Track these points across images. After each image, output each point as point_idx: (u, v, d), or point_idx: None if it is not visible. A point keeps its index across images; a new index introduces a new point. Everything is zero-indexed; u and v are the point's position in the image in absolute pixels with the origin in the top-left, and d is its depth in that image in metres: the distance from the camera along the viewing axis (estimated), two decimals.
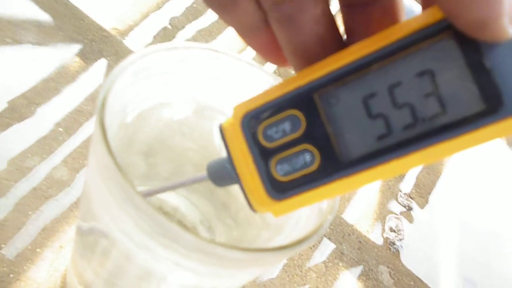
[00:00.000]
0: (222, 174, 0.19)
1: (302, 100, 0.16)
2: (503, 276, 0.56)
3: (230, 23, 0.17)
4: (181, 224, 0.30)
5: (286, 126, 0.16)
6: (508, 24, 0.12)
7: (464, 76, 0.13)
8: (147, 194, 0.22)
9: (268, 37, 0.17)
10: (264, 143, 0.17)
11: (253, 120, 0.17)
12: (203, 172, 0.20)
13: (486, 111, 0.13)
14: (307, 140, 0.16)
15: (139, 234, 0.19)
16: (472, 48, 0.13)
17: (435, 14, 0.14)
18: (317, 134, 0.16)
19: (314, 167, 0.16)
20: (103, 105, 0.20)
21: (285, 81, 0.17)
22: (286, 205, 0.16)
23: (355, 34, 0.16)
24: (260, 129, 0.17)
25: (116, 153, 0.25)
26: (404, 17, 0.16)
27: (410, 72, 0.14)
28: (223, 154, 0.19)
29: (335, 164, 0.15)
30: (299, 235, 0.21)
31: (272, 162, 0.17)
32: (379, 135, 0.15)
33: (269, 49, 0.17)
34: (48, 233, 0.37)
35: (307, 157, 0.16)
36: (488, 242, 0.58)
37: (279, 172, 0.16)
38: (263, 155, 0.17)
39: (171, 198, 0.31)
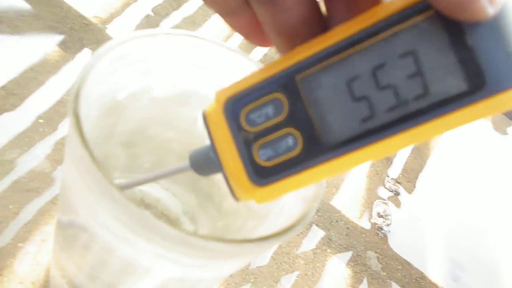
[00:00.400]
0: (205, 162, 0.19)
1: (285, 84, 0.16)
2: (490, 259, 0.56)
3: (211, 4, 0.16)
4: (164, 215, 0.30)
5: (269, 110, 0.16)
6: (487, 3, 0.12)
7: (447, 56, 0.13)
8: (127, 187, 0.21)
9: (250, 18, 0.16)
10: (247, 128, 0.16)
11: (236, 105, 0.17)
12: (186, 162, 0.20)
13: (469, 90, 0.13)
14: (290, 124, 0.16)
15: (118, 227, 0.18)
16: (455, 27, 0.13)
17: None
18: (300, 118, 0.15)
19: (297, 151, 0.16)
20: (77, 95, 0.19)
21: (268, 65, 0.16)
22: (269, 191, 0.16)
23: (337, 18, 0.16)
24: (243, 114, 0.16)
25: (95, 144, 0.24)
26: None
27: (393, 53, 0.14)
28: (206, 143, 0.18)
29: (319, 147, 0.15)
30: (284, 224, 0.21)
31: (255, 147, 0.16)
32: (363, 117, 0.14)
33: (252, 30, 0.17)
34: (30, 226, 0.36)
35: (290, 141, 0.16)
36: (475, 225, 0.59)
37: (262, 157, 0.16)
38: (246, 141, 0.16)
39: (153, 190, 0.31)
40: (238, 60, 0.25)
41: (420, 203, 0.58)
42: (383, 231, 0.53)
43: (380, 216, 0.54)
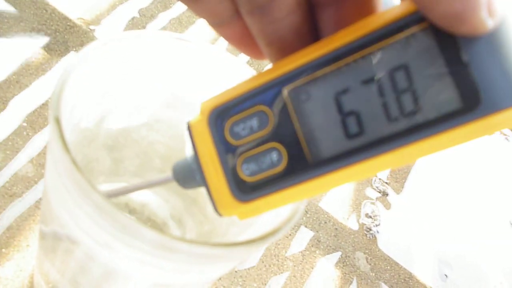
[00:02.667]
0: (188, 175, 0.18)
1: (270, 96, 0.15)
2: (477, 258, 0.57)
3: (200, 14, 0.16)
4: (151, 220, 0.30)
5: (254, 123, 0.15)
6: (486, 16, 0.11)
7: (440, 72, 0.12)
8: (110, 196, 0.21)
9: (241, 27, 0.16)
10: (231, 140, 0.16)
11: (221, 116, 0.16)
12: (169, 173, 0.20)
13: (463, 109, 0.12)
14: (275, 138, 0.15)
15: (100, 233, 0.18)
16: (449, 41, 0.12)
17: (411, 5, 0.13)
18: (285, 132, 0.15)
19: (281, 167, 0.15)
20: (58, 99, 0.19)
21: (255, 75, 0.16)
22: (252, 208, 0.16)
23: (327, 28, 0.15)
24: (227, 126, 0.16)
25: (79, 148, 0.24)
26: (380, 9, 0.15)
27: (384, 66, 0.13)
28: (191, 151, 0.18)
29: (304, 164, 0.14)
30: (271, 225, 0.20)
31: (238, 161, 0.16)
32: (351, 134, 0.14)
33: (243, 40, 0.16)
34: (13, 232, 0.35)
35: (274, 156, 0.15)
36: (463, 225, 0.59)
37: (245, 172, 0.16)
38: (229, 154, 0.16)
39: (139, 195, 0.30)
40: (226, 63, 0.25)
41: (408, 204, 0.58)
42: (371, 232, 0.53)
43: (368, 216, 0.54)
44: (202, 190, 0.17)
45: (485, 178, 0.66)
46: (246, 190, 0.16)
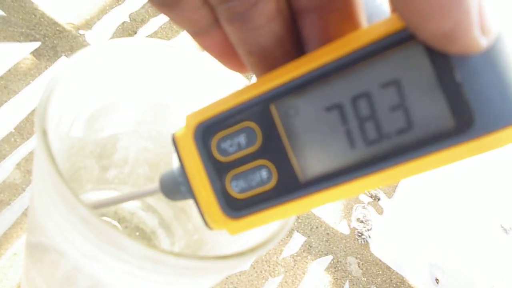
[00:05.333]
0: (175, 189, 0.18)
1: (258, 111, 0.15)
2: (469, 263, 0.57)
3: (177, 22, 0.15)
4: (139, 229, 0.29)
5: (241, 139, 0.15)
6: (479, 35, 0.10)
7: (432, 90, 0.12)
8: (96, 207, 0.21)
9: (220, 37, 0.15)
10: (219, 157, 0.15)
11: (207, 131, 0.16)
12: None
13: (456, 129, 0.12)
14: (263, 155, 0.15)
15: (87, 245, 0.18)
16: (442, 58, 0.12)
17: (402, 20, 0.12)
18: (274, 149, 0.14)
19: (271, 184, 0.15)
20: (44, 107, 0.18)
21: (241, 89, 0.15)
22: (242, 224, 0.15)
23: (311, 41, 0.15)
24: (214, 142, 0.15)
25: (67, 156, 0.23)
26: (365, 20, 0.15)
27: (375, 83, 0.13)
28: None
29: (294, 182, 0.14)
30: (262, 235, 0.20)
31: (227, 178, 0.15)
32: (342, 151, 0.13)
33: (224, 50, 0.16)
34: (0, 240, 0.35)
35: (264, 174, 0.15)
36: (455, 229, 0.60)
37: (234, 189, 0.15)
38: (218, 170, 0.15)
39: (128, 202, 0.30)
40: (215, 69, 0.25)
41: (400, 208, 0.58)
42: (363, 237, 0.53)
43: (360, 221, 0.54)
44: (190, 200, 0.17)
45: (476, 182, 0.66)
46: (236, 207, 0.15)
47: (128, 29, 0.54)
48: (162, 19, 0.58)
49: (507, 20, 0.11)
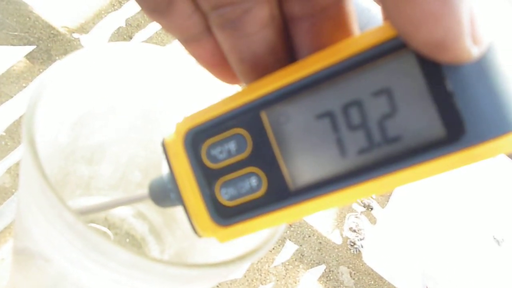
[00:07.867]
0: (164, 196, 0.17)
1: (248, 118, 0.14)
2: (462, 273, 0.57)
3: (168, 29, 0.15)
4: (130, 236, 0.29)
5: (231, 146, 0.15)
6: (471, 44, 0.10)
7: (423, 98, 0.12)
8: (83, 213, 0.20)
9: (212, 45, 0.15)
10: (208, 164, 0.15)
11: (197, 138, 0.15)
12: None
13: (447, 139, 0.12)
14: (253, 162, 0.14)
15: (73, 252, 0.17)
16: (433, 67, 0.12)
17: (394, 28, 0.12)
18: (264, 157, 0.14)
19: (261, 192, 0.14)
20: (32, 112, 0.18)
21: (232, 95, 0.15)
22: (232, 232, 0.15)
23: (304, 48, 0.15)
24: (203, 149, 0.15)
25: (56, 161, 0.23)
26: (357, 29, 0.15)
27: (366, 91, 0.13)
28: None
29: (284, 190, 0.14)
30: (252, 242, 0.20)
31: (217, 185, 0.15)
32: (332, 159, 0.13)
33: (214, 60, 0.16)
34: None
35: (253, 181, 0.15)
36: (448, 239, 0.60)
37: (224, 196, 0.15)
38: (207, 177, 0.15)
39: (118, 208, 0.30)
40: (208, 76, 0.24)
41: (393, 218, 0.58)
42: (355, 246, 0.53)
43: (353, 230, 0.54)
44: (180, 207, 0.17)
45: (469, 193, 0.66)
46: (225, 215, 0.15)
47: (123, 34, 0.54)
48: (158, 24, 0.57)
49: (499, 30, 0.11)
